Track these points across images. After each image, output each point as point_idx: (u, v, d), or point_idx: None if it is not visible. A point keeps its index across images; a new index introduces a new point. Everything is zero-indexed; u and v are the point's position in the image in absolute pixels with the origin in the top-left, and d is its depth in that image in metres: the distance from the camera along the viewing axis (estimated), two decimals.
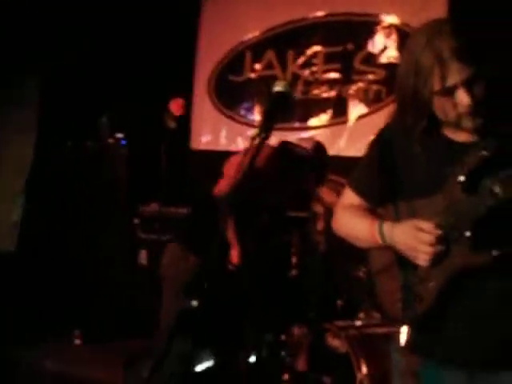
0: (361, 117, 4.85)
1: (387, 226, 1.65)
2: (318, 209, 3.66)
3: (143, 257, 4.64)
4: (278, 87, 1.53)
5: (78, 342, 4.45)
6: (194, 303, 1.25)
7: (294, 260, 3.57)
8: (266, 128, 1.46)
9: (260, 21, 5.31)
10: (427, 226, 1.55)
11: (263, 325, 3.61)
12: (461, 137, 1.60)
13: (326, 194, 3.50)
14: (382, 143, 1.74)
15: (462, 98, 1.48)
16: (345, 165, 4.09)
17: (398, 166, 1.69)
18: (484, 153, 1.49)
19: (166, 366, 1.41)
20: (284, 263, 3.60)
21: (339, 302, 3.38)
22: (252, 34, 5.34)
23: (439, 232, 1.53)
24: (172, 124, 4.75)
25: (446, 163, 1.57)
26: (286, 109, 1.53)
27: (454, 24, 1.52)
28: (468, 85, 1.47)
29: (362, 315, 3.20)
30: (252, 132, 1.54)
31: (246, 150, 1.46)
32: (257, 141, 1.45)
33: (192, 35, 5.53)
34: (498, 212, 1.46)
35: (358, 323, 3.16)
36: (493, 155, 1.49)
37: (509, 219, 1.50)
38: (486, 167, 1.48)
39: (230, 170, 3.35)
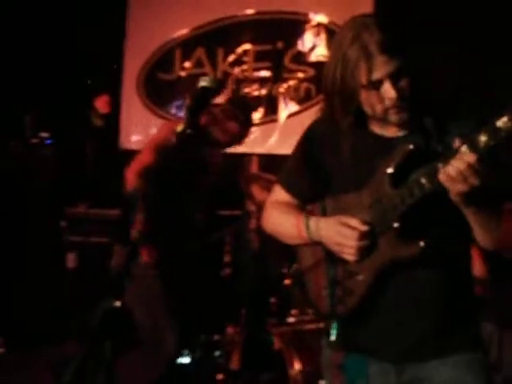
0: (291, 115, 4.89)
1: (313, 222, 1.65)
2: (251, 207, 3.65)
3: (71, 259, 4.51)
4: (203, 82, 1.49)
5: (1, 350, 4.27)
6: (117, 303, 1.20)
7: (226, 259, 3.55)
8: (191, 124, 1.42)
9: (189, 18, 5.24)
10: (352, 221, 1.55)
11: (197, 325, 3.57)
12: (388, 131, 1.61)
13: (257, 192, 3.49)
14: (310, 139, 1.74)
15: (388, 91, 1.48)
16: (276, 163, 4.10)
17: (326, 162, 1.68)
18: (410, 147, 1.51)
19: (88, 370, 1.34)
20: (217, 262, 3.57)
21: (272, 300, 3.38)
22: (181, 32, 5.27)
23: (364, 227, 1.54)
24: (98, 122, 4.62)
25: (372, 158, 1.57)
26: (211, 104, 1.49)
27: (380, 19, 1.52)
28: (394, 78, 1.48)
29: (294, 312, 3.21)
30: (178, 128, 1.50)
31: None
32: (182, 136, 1.40)
33: (120, 31, 5.40)
34: (424, 204, 1.48)
35: (291, 320, 3.16)
36: (418, 149, 1.51)
37: (435, 210, 1.52)
38: (413, 161, 1.50)
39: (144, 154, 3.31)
